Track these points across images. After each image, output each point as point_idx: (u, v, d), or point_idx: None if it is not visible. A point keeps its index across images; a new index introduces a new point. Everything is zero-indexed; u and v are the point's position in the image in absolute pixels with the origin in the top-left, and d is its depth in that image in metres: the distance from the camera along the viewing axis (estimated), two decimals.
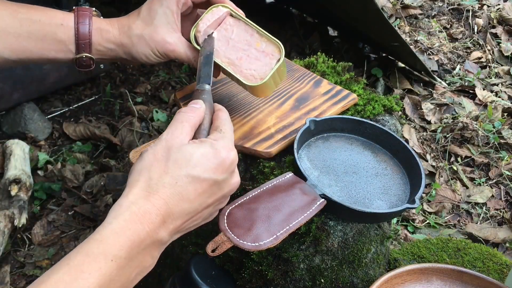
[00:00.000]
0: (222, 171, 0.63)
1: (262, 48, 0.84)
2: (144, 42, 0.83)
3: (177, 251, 0.96)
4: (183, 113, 0.66)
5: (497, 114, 1.81)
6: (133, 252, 0.56)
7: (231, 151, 0.64)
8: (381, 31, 1.74)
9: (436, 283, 0.80)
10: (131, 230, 0.56)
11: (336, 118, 0.90)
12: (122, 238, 0.55)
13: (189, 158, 0.61)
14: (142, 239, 0.57)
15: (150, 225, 0.57)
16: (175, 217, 0.60)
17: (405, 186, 0.83)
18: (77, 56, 0.83)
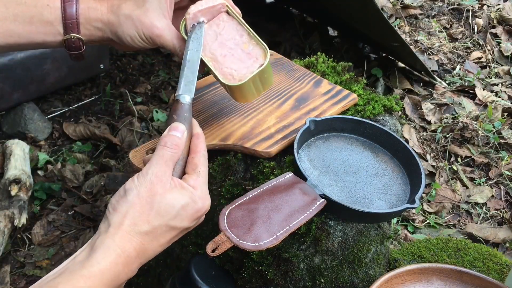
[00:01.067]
0: (194, 219, 0.68)
1: (249, 50, 0.81)
2: (131, 23, 0.80)
3: (177, 251, 0.96)
4: (168, 150, 0.68)
5: (497, 114, 1.81)
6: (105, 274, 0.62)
7: (207, 200, 0.69)
8: (381, 31, 1.74)
9: (436, 283, 0.80)
10: (115, 272, 0.63)
11: (336, 118, 0.90)
12: (106, 277, 0.62)
13: (171, 210, 0.66)
14: (122, 279, 0.65)
15: (130, 266, 0.65)
16: (146, 255, 0.66)
17: (405, 186, 0.83)
18: (65, 37, 0.80)
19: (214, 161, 0.87)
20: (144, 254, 0.66)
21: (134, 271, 0.67)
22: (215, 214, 0.88)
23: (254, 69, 0.79)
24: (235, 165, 0.85)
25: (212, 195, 0.87)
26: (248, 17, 0.85)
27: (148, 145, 0.78)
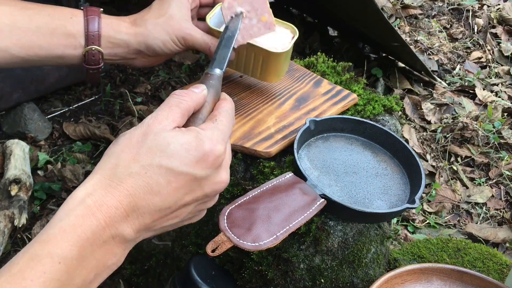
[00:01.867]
0: (203, 167, 0.55)
1: (277, 29, 0.85)
2: (160, 28, 0.82)
3: (177, 251, 0.96)
4: (175, 96, 0.59)
5: (497, 114, 1.81)
6: (85, 252, 0.49)
7: (218, 144, 0.57)
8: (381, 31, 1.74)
9: (436, 283, 0.80)
10: (82, 226, 0.49)
11: (336, 118, 0.90)
12: (72, 236, 0.49)
13: (165, 146, 0.54)
14: (97, 235, 0.50)
15: (108, 219, 0.51)
16: (141, 212, 0.53)
17: (405, 186, 0.83)
18: (86, 49, 0.81)
19: None
20: (133, 206, 0.52)
21: (121, 228, 0.51)
22: (215, 214, 0.88)
23: (290, 41, 0.85)
24: (235, 165, 0.85)
25: None
26: None
27: None
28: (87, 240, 0.49)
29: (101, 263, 0.52)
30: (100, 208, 0.51)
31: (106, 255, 0.52)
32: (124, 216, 0.52)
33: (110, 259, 0.52)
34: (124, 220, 0.52)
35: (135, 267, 1.07)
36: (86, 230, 0.49)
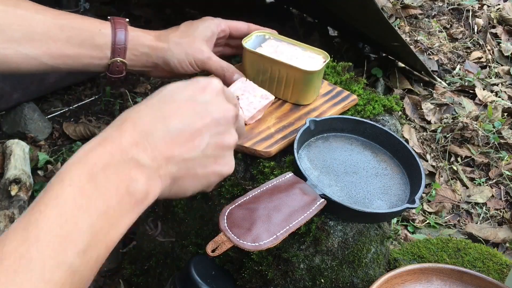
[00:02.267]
0: (203, 93, 0.58)
1: (309, 54, 0.94)
2: (180, 48, 0.88)
3: (177, 251, 0.96)
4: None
5: (497, 114, 1.81)
6: (97, 177, 0.48)
7: (214, 79, 0.60)
8: (381, 31, 1.74)
9: (436, 283, 0.80)
10: (89, 156, 0.49)
11: (336, 118, 0.90)
12: (79, 165, 0.48)
13: (163, 89, 0.58)
14: (106, 160, 0.49)
15: (115, 146, 0.50)
16: (151, 137, 0.52)
17: (405, 186, 0.83)
18: (111, 61, 0.85)
19: None
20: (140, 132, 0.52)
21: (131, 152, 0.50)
22: (215, 214, 0.88)
23: (322, 64, 0.91)
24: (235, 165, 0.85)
25: (212, 195, 0.87)
26: (248, 17, 0.87)
27: None
28: (95, 165, 0.48)
29: (121, 189, 0.49)
30: (105, 140, 0.51)
31: (123, 180, 0.49)
32: (132, 143, 0.51)
33: (131, 185, 0.50)
34: (134, 146, 0.51)
35: (135, 267, 1.07)
36: (93, 158, 0.49)
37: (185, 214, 0.93)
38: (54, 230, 0.44)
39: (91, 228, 0.46)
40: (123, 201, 0.49)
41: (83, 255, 0.45)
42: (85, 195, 0.47)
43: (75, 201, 0.46)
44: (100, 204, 0.47)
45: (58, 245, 0.43)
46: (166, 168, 0.53)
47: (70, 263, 0.43)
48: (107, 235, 0.47)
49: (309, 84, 0.91)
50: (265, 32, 0.98)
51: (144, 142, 0.52)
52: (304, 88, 0.91)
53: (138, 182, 0.50)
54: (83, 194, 0.46)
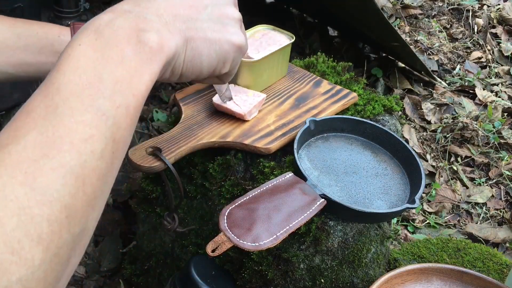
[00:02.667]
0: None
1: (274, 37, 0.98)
2: None
3: (177, 251, 0.96)
4: None
5: (497, 114, 1.81)
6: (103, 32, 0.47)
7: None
8: (381, 31, 1.74)
9: (436, 283, 0.80)
10: (91, 23, 0.49)
11: (336, 118, 0.90)
12: (84, 30, 0.48)
13: None
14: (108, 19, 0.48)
15: (115, 10, 0.50)
16: (154, 1, 0.53)
17: (405, 186, 0.82)
18: None
19: (214, 161, 0.87)
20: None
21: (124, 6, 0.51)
22: (215, 214, 0.88)
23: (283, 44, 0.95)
24: (235, 165, 0.85)
25: (212, 195, 0.87)
26: (248, 17, 0.87)
27: (147, 143, 0.78)
28: (99, 25, 0.48)
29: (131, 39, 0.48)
30: (105, 11, 0.51)
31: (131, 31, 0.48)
32: (135, 3, 0.51)
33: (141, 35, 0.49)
34: (136, 6, 0.51)
35: (135, 267, 1.07)
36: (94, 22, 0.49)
37: (185, 214, 0.93)
38: (73, 80, 0.44)
39: (111, 75, 0.45)
40: (137, 50, 0.48)
41: (110, 100, 0.44)
42: (97, 49, 0.46)
43: (88, 55, 0.45)
44: (114, 55, 0.46)
45: (81, 92, 0.43)
46: (174, 24, 0.53)
47: (98, 107, 0.43)
48: (130, 82, 0.46)
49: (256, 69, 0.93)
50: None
51: (146, 4, 0.52)
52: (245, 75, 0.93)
53: (148, 32, 0.49)
54: (95, 49, 0.46)
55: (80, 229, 0.41)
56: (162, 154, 0.75)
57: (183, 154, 0.79)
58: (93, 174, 0.42)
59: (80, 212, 0.41)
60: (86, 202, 0.42)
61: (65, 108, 0.42)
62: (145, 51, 0.48)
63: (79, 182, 0.41)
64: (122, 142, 0.46)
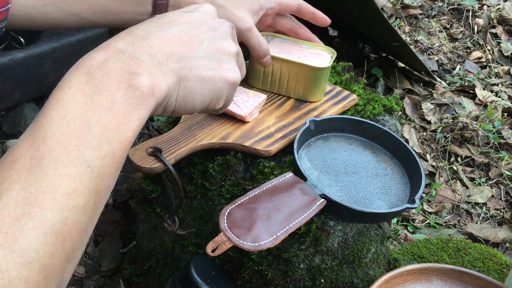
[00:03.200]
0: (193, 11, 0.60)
1: (315, 51, 0.96)
2: (223, 11, 0.82)
3: (177, 251, 0.96)
4: None
5: (497, 114, 1.81)
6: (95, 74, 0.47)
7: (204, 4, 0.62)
8: (381, 31, 1.74)
9: (436, 283, 0.80)
10: (82, 62, 0.48)
11: (336, 118, 0.90)
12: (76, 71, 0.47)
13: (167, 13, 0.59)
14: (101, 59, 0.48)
15: (109, 48, 0.50)
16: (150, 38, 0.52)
17: (405, 186, 0.83)
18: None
19: (214, 161, 0.87)
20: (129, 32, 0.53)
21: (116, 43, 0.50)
22: (215, 214, 0.88)
23: (329, 60, 0.94)
24: (235, 165, 0.85)
25: (212, 195, 0.87)
26: None
27: (147, 143, 0.78)
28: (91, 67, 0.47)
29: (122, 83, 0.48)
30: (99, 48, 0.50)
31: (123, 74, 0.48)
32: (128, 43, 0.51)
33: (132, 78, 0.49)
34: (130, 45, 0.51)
35: (135, 267, 1.07)
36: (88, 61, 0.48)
37: (185, 214, 0.93)
38: (61, 129, 0.43)
39: (98, 123, 0.44)
40: (127, 95, 0.47)
41: (96, 150, 0.43)
42: (87, 94, 0.45)
43: (77, 101, 0.45)
44: (103, 101, 0.45)
45: (67, 142, 0.42)
46: (168, 65, 0.52)
47: (83, 158, 0.42)
48: (118, 130, 0.46)
49: (319, 80, 0.93)
50: (268, 34, 0.99)
51: (140, 41, 0.51)
52: (314, 84, 0.93)
53: (139, 76, 0.49)
54: (84, 94, 0.45)
55: (56, 285, 0.41)
56: (162, 155, 0.75)
57: (183, 155, 0.79)
58: (74, 229, 0.41)
59: (58, 269, 0.40)
60: (65, 258, 0.41)
61: (50, 160, 0.41)
62: (135, 95, 0.48)
63: (59, 240, 0.40)
64: (105, 191, 0.45)
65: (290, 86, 0.95)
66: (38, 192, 0.39)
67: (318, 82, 0.93)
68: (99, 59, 0.48)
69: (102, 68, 0.47)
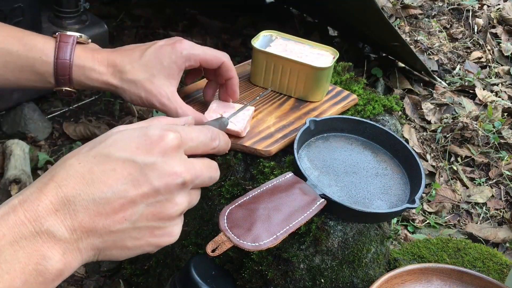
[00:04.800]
0: (146, 152, 0.49)
1: (317, 51, 0.97)
2: (135, 87, 0.77)
3: (177, 251, 0.96)
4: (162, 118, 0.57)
5: (497, 114, 1.81)
6: (4, 252, 0.43)
7: (169, 131, 0.51)
8: (381, 31, 1.74)
9: (436, 283, 0.80)
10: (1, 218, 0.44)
11: (336, 118, 0.90)
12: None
13: (106, 138, 0.50)
14: (16, 232, 0.43)
15: (29, 213, 0.44)
16: (73, 205, 0.46)
17: (405, 186, 0.83)
18: (57, 89, 0.78)
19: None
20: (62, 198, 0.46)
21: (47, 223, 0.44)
22: (215, 214, 0.88)
23: (331, 61, 0.93)
24: (235, 165, 0.85)
25: (212, 195, 0.87)
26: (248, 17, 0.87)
27: None
28: (3, 237, 0.43)
29: (28, 266, 0.44)
30: (22, 204, 0.45)
31: (32, 257, 0.44)
32: (51, 210, 0.45)
33: (40, 263, 0.44)
34: (52, 214, 0.45)
35: (135, 267, 1.07)
36: (2, 227, 0.43)
37: (185, 214, 0.93)
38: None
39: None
40: (29, 281, 0.43)
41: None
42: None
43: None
44: (1, 285, 0.42)
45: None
46: (87, 241, 0.47)
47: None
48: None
49: (320, 80, 0.93)
50: (271, 32, 1.00)
51: (64, 210, 0.45)
52: (315, 84, 0.93)
53: (50, 260, 0.44)
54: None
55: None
56: None
57: None
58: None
59: None
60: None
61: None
62: (38, 281, 0.44)
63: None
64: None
65: (291, 85, 0.95)
66: None
67: (319, 82, 0.93)
68: (14, 231, 0.43)
69: (12, 244, 0.43)
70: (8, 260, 0.42)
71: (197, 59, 0.80)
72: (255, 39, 0.96)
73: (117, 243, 0.49)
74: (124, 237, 0.49)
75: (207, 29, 2.12)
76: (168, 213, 0.52)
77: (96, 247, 0.48)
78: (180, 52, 0.79)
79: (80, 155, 0.49)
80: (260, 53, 0.93)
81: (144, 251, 0.52)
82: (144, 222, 0.50)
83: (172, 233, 0.54)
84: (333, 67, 1.09)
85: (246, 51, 2.01)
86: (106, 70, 0.77)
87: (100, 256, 0.49)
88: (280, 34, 1.00)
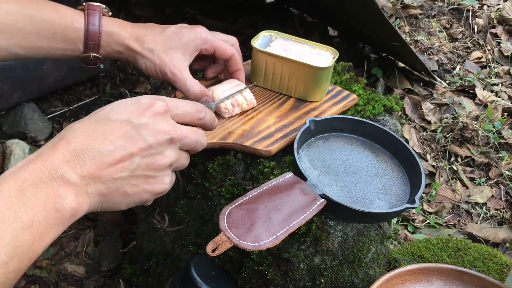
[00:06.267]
0: (138, 114, 0.59)
1: (317, 51, 0.97)
2: (151, 55, 0.85)
3: (177, 251, 0.96)
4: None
5: (497, 114, 1.81)
6: (25, 192, 0.50)
7: (158, 100, 0.61)
8: (381, 31, 1.74)
9: (436, 283, 0.80)
10: (20, 171, 0.51)
11: (336, 118, 0.90)
12: (9, 180, 0.50)
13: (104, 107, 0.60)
14: (36, 176, 0.51)
15: (46, 163, 0.52)
16: (82, 157, 0.54)
17: (405, 186, 0.83)
18: (84, 55, 0.84)
19: (214, 161, 0.87)
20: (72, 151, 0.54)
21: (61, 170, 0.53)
22: (215, 214, 0.88)
23: (331, 60, 0.94)
24: (235, 165, 0.85)
25: (212, 195, 0.87)
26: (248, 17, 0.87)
27: None
28: (25, 181, 0.51)
29: (48, 204, 0.51)
30: (38, 157, 0.53)
31: (50, 196, 0.51)
32: (64, 160, 0.53)
33: (58, 202, 0.52)
34: (64, 164, 0.53)
35: (135, 267, 1.07)
36: (23, 173, 0.51)
37: (185, 214, 0.93)
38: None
39: (15, 240, 0.48)
40: (49, 217, 0.51)
41: (5, 266, 0.47)
42: (12, 209, 0.49)
43: (1, 213, 0.48)
44: (25, 218, 0.49)
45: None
46: (94, 186, 0.55)
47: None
48: (30, 247, 0.49)
49: (320, 80, 0.93)
50: (271, 32, 1.00)
51: (74, 160, 0.54)
52: (315, 84, 0.93)
53: (65, 199, 0.52)
54: (10, 208, 0.48)
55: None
56: None
57: None
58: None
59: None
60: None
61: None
62: (56, 217, 0.51)
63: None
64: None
65: (291, 85, 0.95)
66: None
67: (319, 82, 0.93)
68: (34, 175, 0.51)
69: (33, 186, 0.51)
70: (31, 198, 0.50)
71: (213, 45, 0.89)
72: (255, 39, 0.96)
73: (119, 189, 0.57)
74: (125, 183, 0.57)
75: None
76: (159, 163, 0.60)
77: (101, 193, 0.56)
78: (200, 34, 0.88)
79: (83, 121, 0.58)
80: (260, 53, 0.93)
81: (142, 198, 0.60)
82: (140, 171, 0.58)
83: (163, 181, 0.62)
84: (333, 67, 1.09)
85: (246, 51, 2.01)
86: (129, 36, 0.85)
87: (104, 203, 0.57)
88: (280, 34, 1.00)
